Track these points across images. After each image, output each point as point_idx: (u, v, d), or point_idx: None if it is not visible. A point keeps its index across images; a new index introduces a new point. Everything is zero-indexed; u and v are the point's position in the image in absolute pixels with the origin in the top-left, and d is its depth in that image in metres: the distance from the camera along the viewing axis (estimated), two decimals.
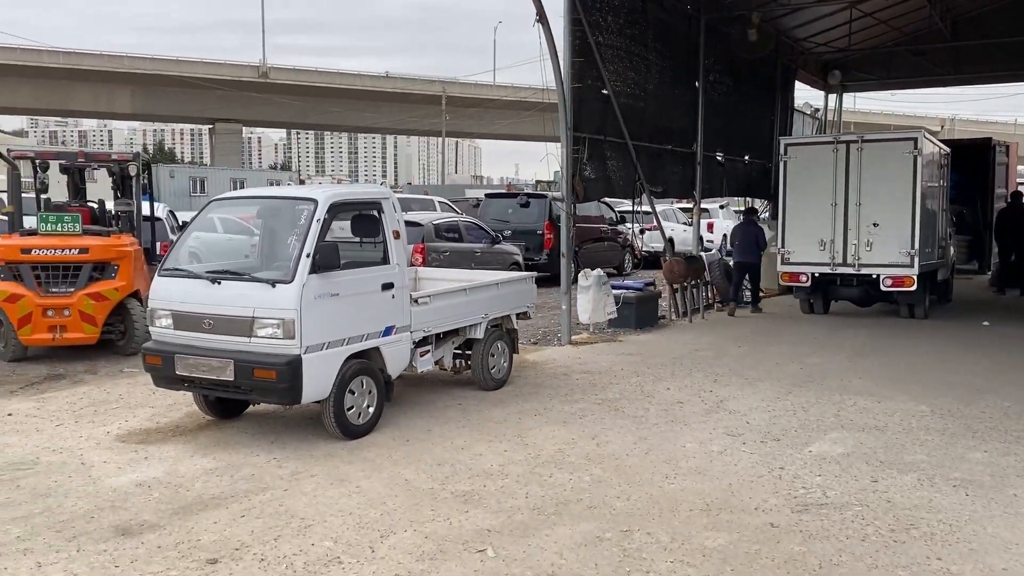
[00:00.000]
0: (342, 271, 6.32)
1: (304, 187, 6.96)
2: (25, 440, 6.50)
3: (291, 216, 6.62)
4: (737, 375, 8.97)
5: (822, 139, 13.30)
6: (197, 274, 6.46)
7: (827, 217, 12.74)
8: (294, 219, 6.52)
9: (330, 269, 6.19)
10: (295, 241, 6.25)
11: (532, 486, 5.50)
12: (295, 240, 6.26)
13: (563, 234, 11.13)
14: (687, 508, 5.11)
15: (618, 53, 12.19)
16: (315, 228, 6.18)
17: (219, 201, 7.07)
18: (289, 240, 6.34)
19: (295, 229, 6.37)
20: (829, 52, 21.07)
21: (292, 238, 6.30)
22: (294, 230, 6.40)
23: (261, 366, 6.01)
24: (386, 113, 66.30)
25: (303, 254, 6.07)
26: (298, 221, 6.41)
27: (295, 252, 6.14)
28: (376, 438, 6.56)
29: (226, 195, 7.26)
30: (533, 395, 8.05)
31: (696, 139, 14.94)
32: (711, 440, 6.55)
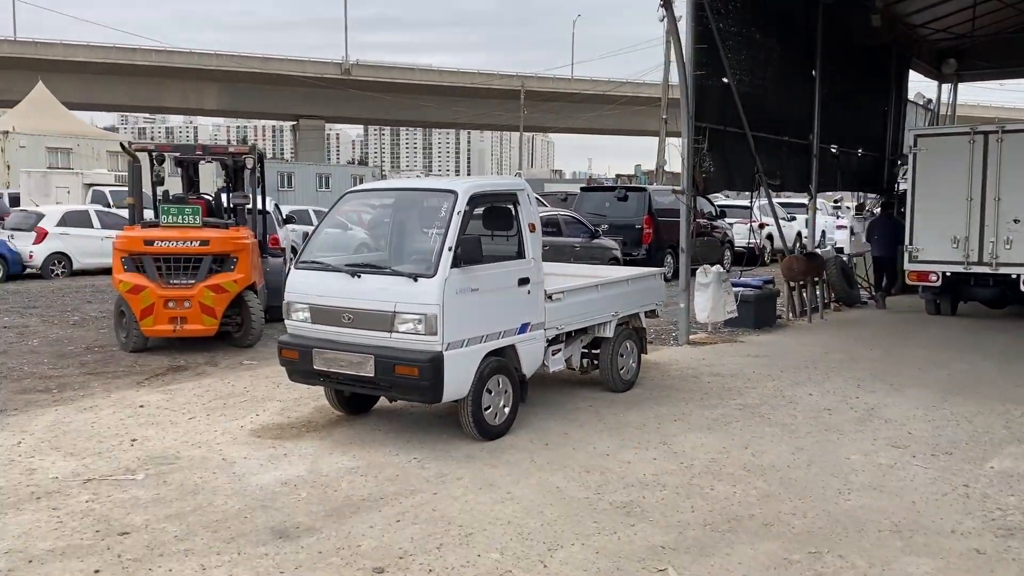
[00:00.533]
0: (481, 265, 6.05)
1: (439, 179, 6.76)
2: (163, 434, 6.43)
3: (429, 209, 6.38)
4: (880, 380, 8.41)
5: (957, 129, 12.51)
6: (336, 267, 6.27)
7: (961, 213, 11.96)
8: (433, 212, 6.28)
9: (472, 263, 5.92)
10: (436, 234, 6.01)
11: (695, 499, 5.13)
12: (436, 233, 6.01)
13: (683, 229, 10.68)
14: (874, 528, 4.67)
15: (738, 40, 11.66)
16: (456, 221, 5.92)
17: (354, 194, 6.89)
18: (429, 233, 6.10)
19: (435, 222, 6.13)
20: (946, 39, 19.97)
21: (432, 231, 6.06)
22: (434, 223, 6.16)
23: (402, 362, 5.79)
24: (464, 108, 66.52)
25: (445, 247, 5.82)
26: (437, 214, 6.16)
27: (436, 245, 5.89)
28: (513, 440, 6.28)
29: (360, 187, 7.06)
30: (665, 398, 7.67)
31: (812, 130, 14.26)
32: (876, 452, 6.06)
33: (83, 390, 7.88)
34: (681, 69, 10.26)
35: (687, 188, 10.60)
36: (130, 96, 59.06)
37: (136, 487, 5.27)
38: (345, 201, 6.84)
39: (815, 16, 14.04)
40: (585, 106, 67.00)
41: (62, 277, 17.49)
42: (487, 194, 6.34)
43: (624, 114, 67.02)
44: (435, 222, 6.17)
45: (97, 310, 12.87)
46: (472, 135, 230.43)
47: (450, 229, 5.89)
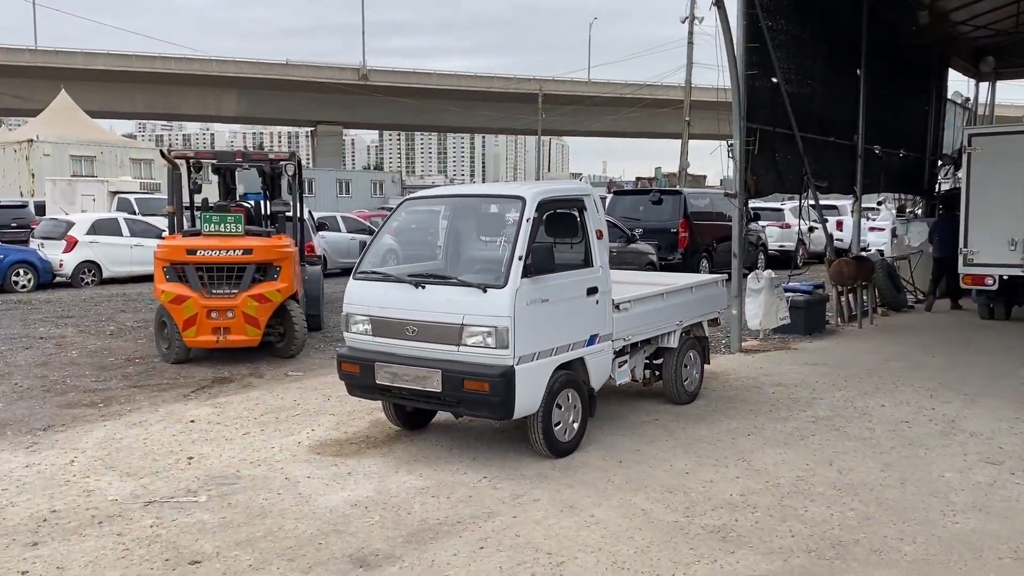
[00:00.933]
0: (552, 275, 5.77)
1: (502, 185, 6.51)
2: (219, 451, 6.19)
3: (495, 216, 6.12)
4: (951, 390, 8.07)
5: (1015, 128, 12.16)
6: (398, 277, 6.01)
7: (1018, 214, 11.59)
8: (499, 219, 6.03)
9: (542, 273, 5.65)
10: (504, 242, 5.74)
11: (791, 522, 4.83)
12: (504, 241, 5.75)
13: (735, 233, 10.35)
14: (994, 555, 4.35)
15: (786, 39, 11.35)
16: (526, 228, 5.65)
17: (412, 201, 6.62)
18: (497, 241, 5.84)
19: (502, 229, 5.87)
20: (984, 36, 19.55)
21: (500, 239, 5.79)
22: (500, 231, 5.90)
23: (472, 377, 5.52)
24: (481, 112, 66.35)
25: (515, 257, 5.55)
26: (504, 221, 5.91)
27: (506, 254, 5.62)
28: (584, 457, 6.00)
29: (420, 194, 6.80)
30: (732, 410, 7.37)
31: (857, 130, 13.91)
32: (970, 469, 5.74)
33: (129, 404, 7.67)
34: (733, 69, 9.95)
35: (739, 190, 10.29)
36: (148, 104, 59.21)
37: (200, 510, 5.03)
38: (403, 209, 6.58)
39: (859, 14, 13.70)
40: (603, 109, 66.73)
41: (92, 286, 17.35)
42: (555, 199, 6.06)
43: (642, 116, 66.69)
44: (502, 230, 5.91)
45: (132, 319, 12.69)
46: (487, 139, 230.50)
47: (519, 237, 5.62)
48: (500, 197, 6.40)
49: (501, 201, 6.22)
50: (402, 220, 6.61)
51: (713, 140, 65.88)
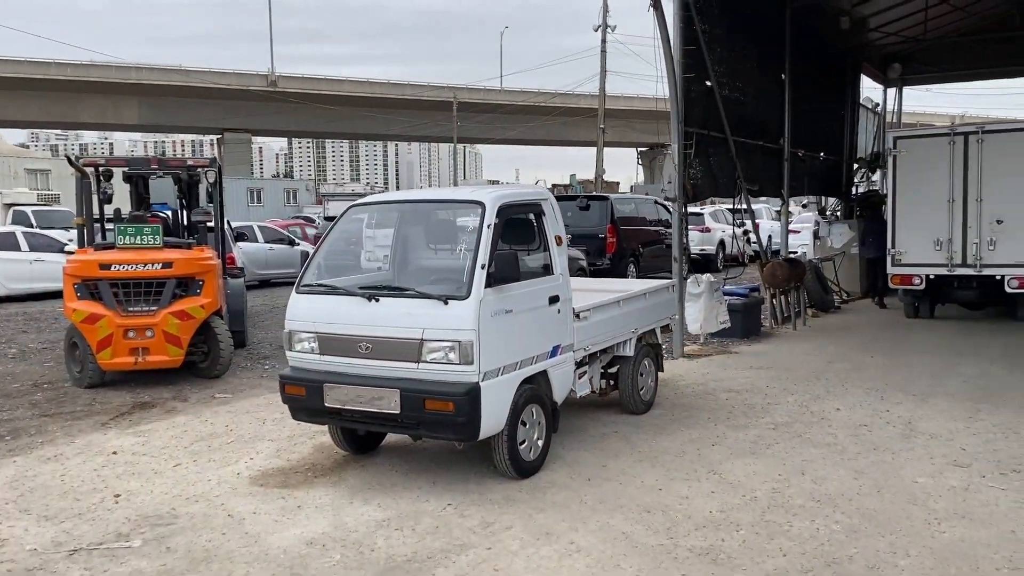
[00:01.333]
0: (515, 284, 5.43)
1: (456, 189, 6.14)
2: (149, 486, 5.60)
3: (452, 222, 5.75)
4: (899, 391, 8.08)
5: (937, 131, 12.48)
6: (348, 290, 5.56)
7: (943, 215, 11.88)
8: (457, 225, 5.65)
9: (506, 282, 5.31)
10: (464, 251, 5.37)
11: (779, 539, 4.61)
12: (464, 249, 5.37)
13: (676, 237, 10.23)
14: (990, 567, 4.22)
15: (719, 42, 11.31)
16: (487, 235, 5.29)
17: (360, 207, 6.16)
18: (455, 250, 5.46)
19: (461, 237, 5.50)
20: (892, 44, 20.22)
21: (460, 247, 5.42)
22: (459, 238, 5.53)
23: (434, 396, 5.12)
24: (395, 120, 65.56)
25: (477, 265, 5.18)
26: (463, 227, 5.54)
27: (467, 263, 5.25)
28: (551, 477, 5.67)
29: (368, 200, 6.34)
30: (690, 419, 7.16)
31: (783, 134, 14.05)
32: (941, 473, 5.65)
33: (41, 435, 6.95)
34: (671, 72, 9.84)
35: (679, 195, 10.17)
36: (43, 111, 56.12)
37: (136, 557, 4.48)
38: (349, 216, 6.11)
39: (783, 19, 13.86)
40: (517, 117, 66.78)
41: None
42: (514, 204, 5.72)
43: (555, 125, 67.10)
44: (458, 237, 5.54)
45: (36, 341, 11.74)
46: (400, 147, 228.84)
47: (481, 244, 5.26)
48: (456, 202, 6.02)
49: (457, 206, 5.85)
50: (348, 228, 6.15)
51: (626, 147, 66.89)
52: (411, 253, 6.12)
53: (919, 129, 17.38)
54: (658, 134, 69.76)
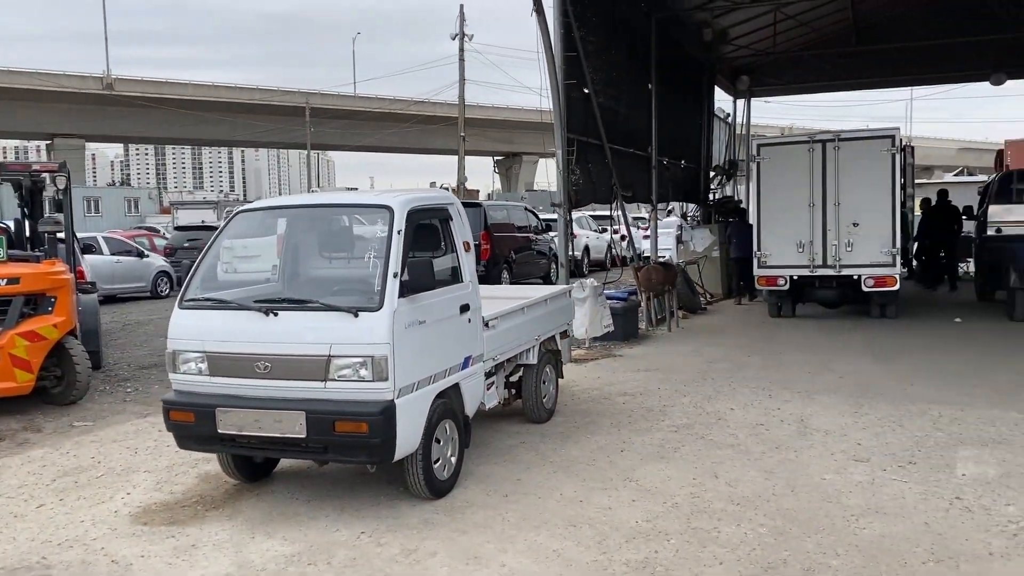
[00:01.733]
0: (427, 293, 5.13)
1: (357, 194, 5.75)
2: (12, 533, 4.91)
3: (352, 228, 5.37)
4: (784, 388, 8.33)
5: (797, 139, 13.05)
6: (243, 304, 5.08)
7: (804, 219, 12.45)
8: (358, 232, 5.29)
9: (419, 291, 5.00)
10: (373, 258, 5.02)
11: (711, 547, 4.54)
12: (373, 257, 5.03)
13: (561, 243, 10.21)
14: (916, 561, 4.30)
15: (595, 50, 11.41)
16: (397, 242, 4.98)
17: (248, 213, 5.65)
18: (364, 258, 5.10)
19: (368, 244, 5.16)
20: (742, 56, 21.25)
21: (369, 255, 5.07)
22: (365, 245, 5.18)
23: (345, 417, 4.75)
24: (243, 125, 62.99)
25: (389, 274, 4.86)
26: (370, 234, 5.19)
27: (378, 272, 4.91)
28: (466, 495, 5.41)
29: (258, 205, 5.82)
30: (593, 425, 7.08)
31: (651, 142, 14.38)
32: (845, 469, 5.79)
33: None
34: (553, 79, 9.80)
35: (563, 201, 10.13)
36: None
37: None
38: (237, 222, 5.61)
39: (648, 29, 14.19)
40: (373, 124, 65.85)
41: None
42: (422, 209, 5.42)
43: (412, 132, 66.60)
44: (364, 244, 5.19)
45: None
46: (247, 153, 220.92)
47: (391, 252, 4.93)
48: (360, 207, 5.64)
49: (361, 211, 5.49)
50: (235, 235, 5.64)
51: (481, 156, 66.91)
52: (306, 262, 5.70)
53: (781, 137, 18.28)
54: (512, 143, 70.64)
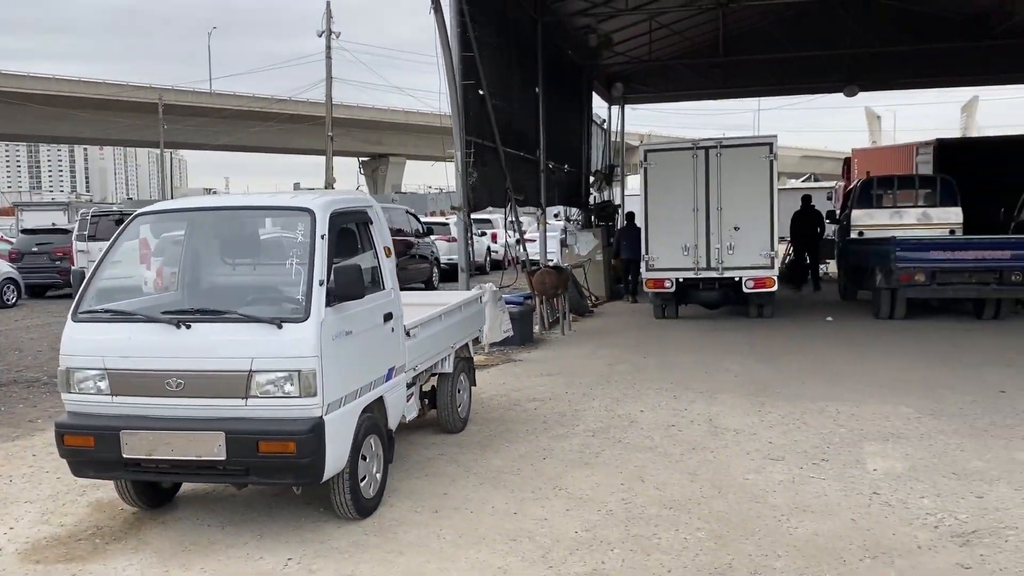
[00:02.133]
0: (352, 302, 4.84)
1: (269, 195, 5.31)
2: None
3: (273, 233, 5.02)
4: (686, 388, 8.48)
5: (681, 145, 13.40)
6: (150, 315, 4.63)
7: (689, 223, 12.80)
8: (280, 237, 4.95)
9: (347, 299, 4.72)
10: (296, 265, 4.69)
11: (655, 554, 4.50)
12: (296, 264, 4.70)
13: (461, 246, 10.03)
14: (854, 558, 4.40)
15: (489, 51, 11.31)
16: (322, 247, 4.68)
17: (150, 216, 5.15)
18: (288, 264, 4.75)
19: (289, 249, 4.82)
20: (617, 64, 21.76)
21: (291, 261, 4.73)
22: (285, 251, 4.84)
23: (270, 437, 4.41)
24: (88, 122, 59.11)
25: (315, 282, 4.55)
26: (289, 239, 4.86)
27: (302, 279, 4.59)
28: (394, 513, 5.16)
29: (161, 207, 5.28)
30: (509, 432, 6.96)
31: (539, 145, 14.44)
32: (764, 468, 5.91)
33: None
34: (451, 78, 9.64)
35: (464, 203, 9.97)
36: None
37: None
38: (137, 226, 5.12)
39: (535, 33, 14.24)
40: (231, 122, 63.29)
41: None
42: (345, 212, 5.12)
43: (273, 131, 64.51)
44: (286, 250, 4.85)
45: None
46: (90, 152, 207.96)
47: (316, 258, 4.63)
48: (277, 210, 5.27)
49: (278, 214, 5.13)
50: (133, 241, 5.15)
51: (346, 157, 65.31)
52: (214, 270, 5.29)
53: (667, 143, 18.77)
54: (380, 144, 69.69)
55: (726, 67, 21.67)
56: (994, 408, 7.33)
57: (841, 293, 16.37)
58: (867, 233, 15.39)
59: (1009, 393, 7.86)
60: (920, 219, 15.36)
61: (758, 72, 22.57)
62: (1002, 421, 6.91)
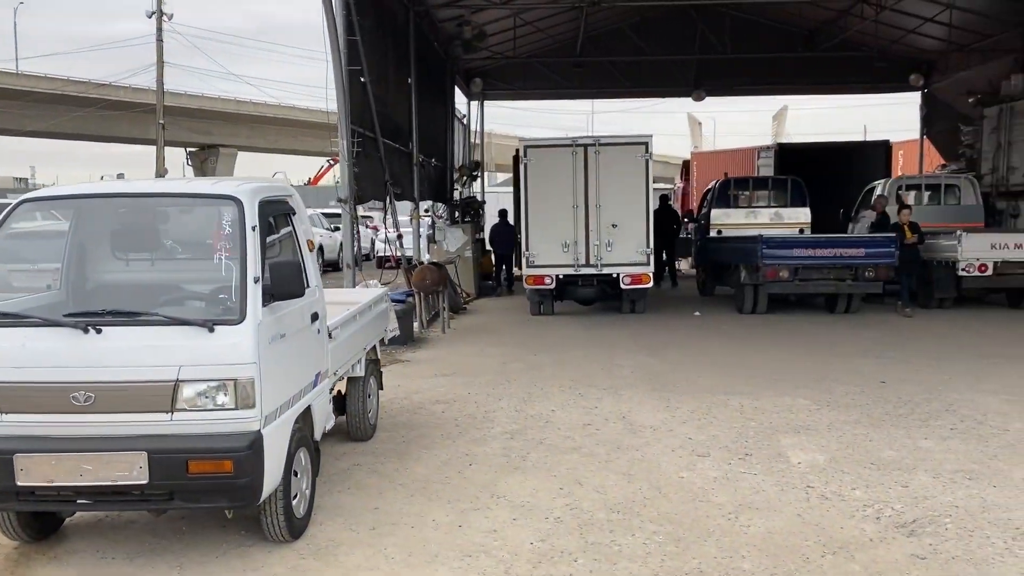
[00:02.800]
0: (286, 301, 4.35)
1: (182, 182, 4.62)
2: None
3: (190, 224, 4.43)
4: (587, 385, 8.41)
5: (561, 142, 13.32)
6: (50, 320, 3.94)
7: (569, 220, 12.81)
8: (198, 228, 4.38)
9: (284, 299, 4.23)
10: (224, 260, 4.15)
11: (623, 562, 4.32)
12: (225, 259, 4.15)
13: (347, 241, 9.49)
14: (815, 554, 4.39)
15: (370, 38, 10.80)
16: (253, 240, 4.16)
17: (37, 203, 4.39)
18: (215, 259, 4.19)
19: (214, 243, 4.26)
20: (476, 59, 21.63)
21: (219, 256, 4.17)
22: (210, 245, 4.28)
23: (201, 455, 3.87)
24: None
25: (250, 279, 4.04)
26: (210, 231, 4.31)
27: (234, 276, 4.06)
28: (327, 532, 4.71)
29: (43, 193, 4.46)
30: (424, 438, 6.60)
31: (412, 138, 14.02)
32: (694, 465, 5.87)
33: None
34: (337, 64, 9.10)
35: (349, 196, 9.44)
36: None
37: None
38: (21, 215, 4.36)
39: (408, 22, 13.82)
40: (44, 107, 58.13)
41: None
42: (272, 201, 4.59)
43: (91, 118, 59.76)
44: (206, 243, 4.30)
45: None
46: None
47: (248, 252, 4.10)
48: (195, 197, 4.63)
49: (200, 203, 4.51)
50: (20, 233, 4.40)
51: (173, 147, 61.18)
52: (112, 266, 4.61)
53: (546, 139, 18.74)
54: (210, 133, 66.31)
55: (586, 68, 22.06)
56: (882, 398, 7.71)
57: (700, 289, 16.99)
58: (725, 232, 16.07)
59: (889, 384, 8.30)
60: (773, 218, 16.21)
61: (612, 74, 23.13)
62: (894, 411, 7.26)
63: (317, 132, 61.49)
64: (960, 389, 7.99)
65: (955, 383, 8.25)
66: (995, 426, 6.71)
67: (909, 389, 8.01)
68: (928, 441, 6.35)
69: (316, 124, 61.60)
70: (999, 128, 18.26)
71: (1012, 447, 6.16)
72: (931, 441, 6.35)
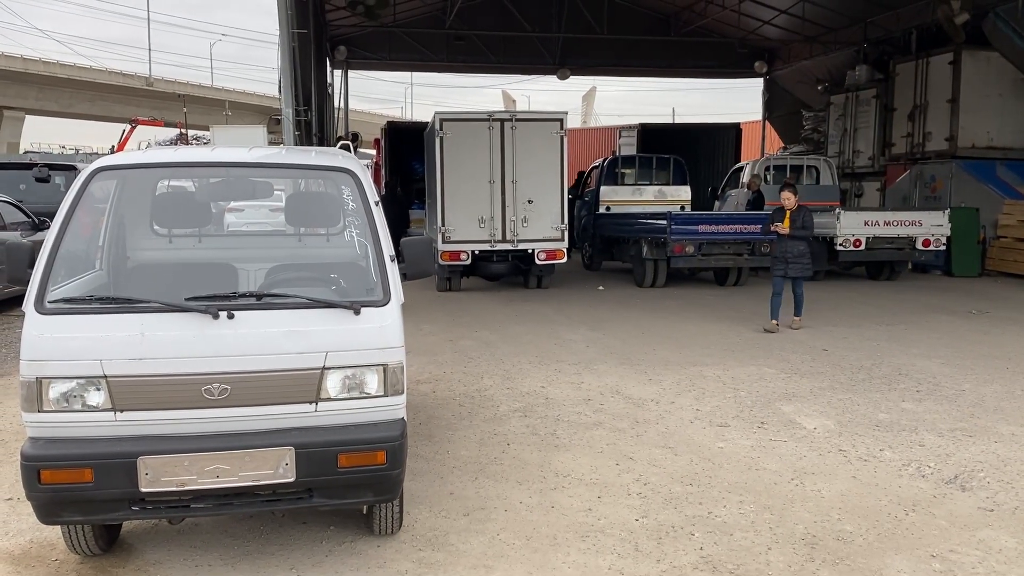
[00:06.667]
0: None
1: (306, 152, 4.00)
2: None
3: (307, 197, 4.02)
4: (557, 360, 8.45)
5: (477, 116, 13.06)
6: (177, 305, 3.44)
7: (485, 195, 12.71)
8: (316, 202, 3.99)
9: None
10: (354, 235, 3.81)
11: (735, 532, 4.42)
12: (354, 234, 3.82)
13: None
14: (899, 511, 4.69)
15: None
16: (379, 215, 3.85)
17: (113, 171, 3.76)
18: (346, 236, 3.83)
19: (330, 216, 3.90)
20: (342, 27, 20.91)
21: (350, 231, 3.82)
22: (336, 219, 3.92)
23: (354, 447, 3.57)
24: None
25: (386, 257, 3.74)
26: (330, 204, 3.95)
27: (369, 253, 3.74)
28: (420, 521, 4.49)
29: (126, 161, 3.78)
30: (437, 420, 6.41)
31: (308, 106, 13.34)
32: (723, 436, 6.04)
33: None
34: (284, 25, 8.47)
35: None
36: None
37: None
38: (96, 185, 3.74)
39: None
40: None
41: None
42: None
43: None
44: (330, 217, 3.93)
45: None
46: None
47: (377, 228, 3.79)
48: (310, 169, 4.15)
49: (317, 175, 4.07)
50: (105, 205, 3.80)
51: None
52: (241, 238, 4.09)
53: (461, 112, 18.28)
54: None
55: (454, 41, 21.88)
56: (837, 366, 8.29)
57: (586, 264, 17.42)
58: (613, 208, 16.55)
59: (832, 351, 8.95)
60: (657, 196, 16.87)
61: (479, 49, 23.10)
62: (855, 377, 7.84)
63: (118, 96, 56.54)
64: (896, 354, 8.75)
65: (888, 348, 9.03)
66: (951, 388, 7.42)
67: (853, 356, 8.68)
68: (907, 403, 6.92)
69: (119, 88, 56.67)
70: (845, 115, 19.96)
71: (980, 405, 6.85)
72: (909, 403, 6.92)
